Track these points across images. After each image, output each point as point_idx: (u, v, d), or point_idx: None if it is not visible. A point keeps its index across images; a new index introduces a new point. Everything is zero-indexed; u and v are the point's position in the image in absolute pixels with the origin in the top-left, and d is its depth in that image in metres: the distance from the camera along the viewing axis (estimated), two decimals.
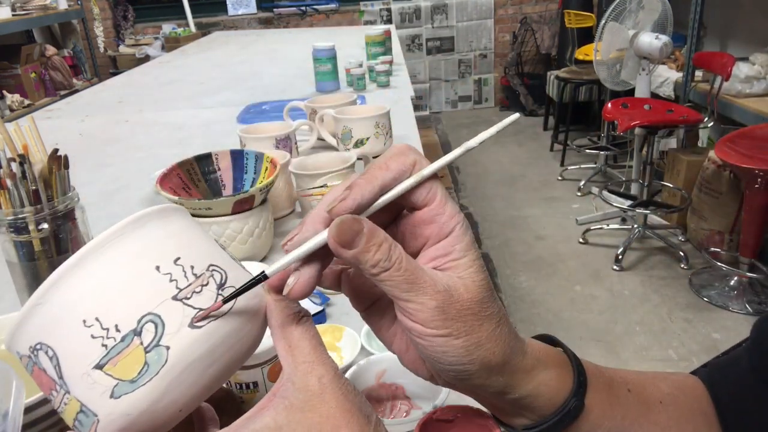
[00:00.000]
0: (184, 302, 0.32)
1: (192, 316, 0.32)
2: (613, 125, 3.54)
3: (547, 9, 5.29)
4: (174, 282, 0.32)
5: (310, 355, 0.33)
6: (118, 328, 0.31)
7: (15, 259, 0.75)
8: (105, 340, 0.31)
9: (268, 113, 1.87)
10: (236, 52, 3.23)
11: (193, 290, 0.32)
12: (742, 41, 3.48)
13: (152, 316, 0.31)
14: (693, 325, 2.44)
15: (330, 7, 5.34)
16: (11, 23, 3.96)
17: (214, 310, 0.32)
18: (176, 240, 0.34)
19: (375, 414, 0.34)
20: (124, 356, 0.31)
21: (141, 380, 0.31)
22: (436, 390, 0.63)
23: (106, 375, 0.31)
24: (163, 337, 0.31)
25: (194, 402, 0.33)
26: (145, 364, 0.31)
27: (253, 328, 0.35)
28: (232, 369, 0.36)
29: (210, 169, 1.02)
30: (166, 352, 0.31)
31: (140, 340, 0.31)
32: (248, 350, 0.36)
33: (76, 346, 0.31)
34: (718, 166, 2.70)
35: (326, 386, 0.32)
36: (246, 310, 0.34)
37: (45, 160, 0.73)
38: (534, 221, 3.41)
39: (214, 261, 0.35)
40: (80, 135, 1.85)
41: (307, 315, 0.35)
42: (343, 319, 0.82)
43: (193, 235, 0.35)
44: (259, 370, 0.60)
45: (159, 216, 0.35)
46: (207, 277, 0.33)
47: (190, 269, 0.33)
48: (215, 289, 0.33)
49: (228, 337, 0.33)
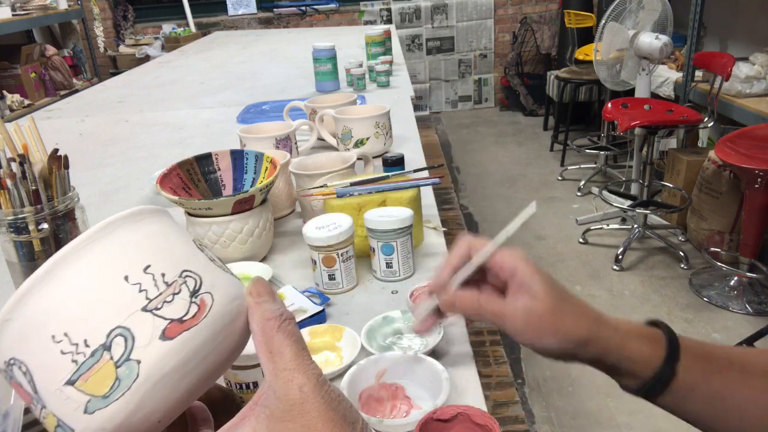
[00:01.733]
0: (154, 313, 0.31)
1: (163, 327, 0.31)
2: (613, 125, 3.54)
3: (547, 9, 5.29)
4: (144, 292, 0.31)
5: (292, 362, 0.32)
6: (87, 343, 0.30)
7: (15, 259, 0.75)
8: (75, 355, 0.30)
9: (268, 113, 1.87)
10: (236, 52, 3.23)
11: (163, 300, 0.31)
12: (742, 41, 3.48)
13: (121, 329, 0.30)
14: (693, 325, 2.44)
15: (330, 7, 5.34)
16: (11, 23, 3.96)
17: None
18: (147, 246, 0.33)
19: (362, 419, 0.34)
20: (95, 372, 0.30)
21: (113, 395, 0.30)
22: (436, 390, 0.63)
23: (78, 391, 0.30)
24: (134, 351, 0.30)
25: (174, 411, 0.32)
26: (117, 379, 0.30)
27: (232, 333, 0.34)
28: (213, 376, 0.35)
29: (210, 169, 1.02)
30: (137, 366, 0.30)
31: (110, 354, 0.30)
32: (230, 356, 0.35)
33: (47, 362, 0.30)
34: (718, 166, 2.70)
35: (307, 395, 0.31)
36: (221, 316, 0.33)
37: (45, 160, 0.73)
38: (534, 221, 3.41)
39: (188, 266, 0.33)
40: (80, 135, 1.85)
41: (289, 318, 0.34)
42: (343, 319, 0.82)
43: (167, 240, 0.34)
44: (258, 370, 0.59)
45: (129, 221, 0.33)
46: (179, 284, 0.32)
47: (161, 277, 0.32)
48: (188, 296, 0.32)
49: (202, 346, 0.32)
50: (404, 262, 0.89)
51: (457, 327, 0.78)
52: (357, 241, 0.91)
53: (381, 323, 0.77)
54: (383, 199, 0.95)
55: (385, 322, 0.78)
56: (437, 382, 0.63)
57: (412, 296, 0.83)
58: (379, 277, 0.91)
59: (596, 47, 3.11)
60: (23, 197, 0.71)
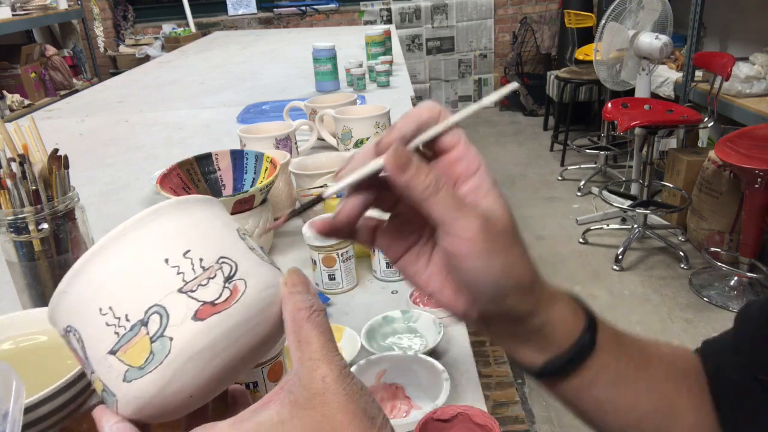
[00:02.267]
0: (189, 295, 0.33)
1: (195, 308, 0.33)
2: (613, 125, 3.54)
3: (547, 9, 5.29)
4: (181, 275, 0.33)
5: (318, 352, 0.33)
6: (128, 318, 0.32)
7: (15, 259, 0.75)
8: (117, 328, 0.32)
9: (268, 113, 1.87)
10: (236, 52, 3.23)
11: (199, 283, 0.33)
12: (742, 41, 3.48)
13: (158, 308, 0.32)
14: (693, 325, 2.44)
15: (330, 7, 5.34)
16: (11, 23, 3.96)
17: (272, 228, 0.35)
18: (189, 232, 0.35)
19: (382, 415, 0.34)
20: (133, 344, 0.32)
21: (148, 368, 0.32)
22: (436, 390, 0.63)
23: (118, 360, 0.32)
24: (168, 329, 0.32)
25: (206, 390, 0.34)
26: (151, 353, 0.32)
27: (265, 320, 0.35)
28: (246, 361, 0.36)
29: (210, 169, 1.02)
30: (169, 343, 0.32)
31: (147, 330, 0.32)
32: (263, 342, 0.36)
33: (94, 331, 0.33)
34: (718, 166, 2.70)
35: (329, 386, 0.32)
36: (253, 303, 0.34)
37: (45, 160, 0.73)
38: (534, 221, 3.41)
39: (225, 253, 0.35)
40: (80, 135, 1.85)
41: (320, 310, 0.35)
42: (343, 319, 0.82)
43: (209, 227, 0.36)
44: (259, 370, 0.60)
45: (176, 208, 0.35)
46: (215, 269, 0.34)
47: (198, 262, 0.34)
48: (222, 281, 0.34)
49: (233, 330, 0.33)
50: None
51: (457, 327, 0.78)
52: None
53: (381, 323, 0.77)
54: None
55: (385, 322, 0.78)
56: (437, 383, 0.64)
57: (412, 296, 0.83)
58: (379, 277, 0.91)
59: (596, 47, 3.11)
60: (23, 197, 0.71)
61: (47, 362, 0.62)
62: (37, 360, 0.63)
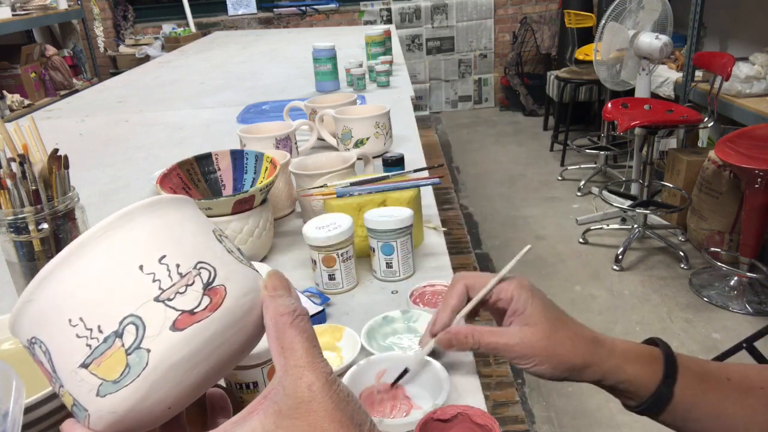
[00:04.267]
0: (166, 303, 0.31)
1: (174, 318, 0.31)
2: (613, 125, 3.54)
3: (547, 9, 5.29)
4: (157, 282, 0.31)
5: (302, 358, 0.32)
6: (101, 329, 0.30)
7: (15, 259, 0.75)
8: (89, 340, 0.30)
9: (268, 113, 1.87)
10: (236, 52, 3.23)
11: (176, 291, 0.31)
12: (742, 41, 3.48)
13: (133, 318, 0.30)
14: (693, 325, 2.44)
15: (330, 7, 5.34)
16: (11, 23, 3.96)
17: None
18: (164, 236, 0.33)
19: (369, 421, 0.33)
20: (107, 357, 0.30)
21: (123, 381, 0.30)
22: (436, 390, 0.63)
23: (91, 374, 0.31)
24: (144, 340, 0.30)
25: (184, 400, 0.33)
26: (127, 366, 0.30)
27: (245, 326, 0.34)
28: (224, 369, 0.34)
29: (210, 169, 1.02)
30: (146, 355, 0.30)
31: (121, 342, 0.30)
32: (243, 348, 0.35)
33: (63, 344, 0.31)
34: (718, 166, 2.70)
35: (315, 394, 0.31)
36: (233, 310, 0.33)
37: (45, 160, 0.73)
38: (534, 221, 3.41)
39: (203, 258, 0.33)
40: (80, 135, 1.85)
41: (303, 314, 0.34)
42: (343, 319, 0.82)
43: (184, 230, 0.34)
44: (258, 370, 0.59)
45: (148, 210, 0.33)
46: (193, 276, 0.32)
47: (175, 268, 0.32)
48: (201, 288, 0.32)
49: (213, 338, 0.32)
50: (404, 262, 0.89)
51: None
52: (357, 241, 0.91)
53: (381, 323, 0.77)
54: (383, 199, 0.95)
55: (385, 322, 0.78)
56: (437, 382, 0.63)
57: (412, 296, 0.83)
58: (379, 277, 0.91)
59: (596, 47, 3.11)
60: (23, 197, 0.71)
61: None
62: None
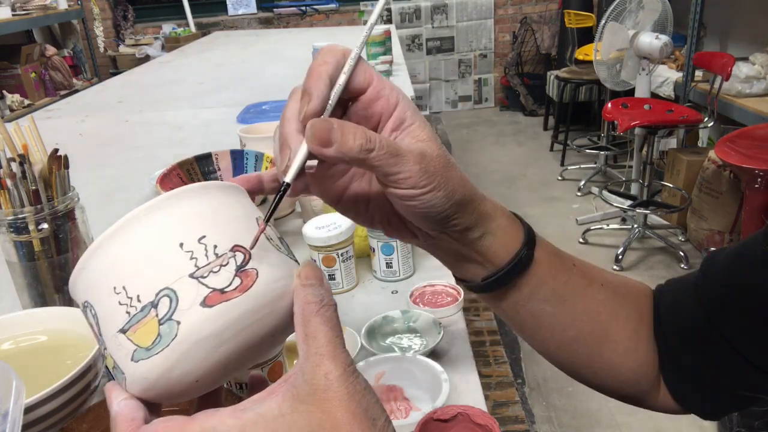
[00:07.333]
0: (199, 280, 0.33)
1: (205, 294, 0.33)
2: (613, 125, 3.54)
3: (547, 9, 5.29)
4: (194, 260, 0.33)
5: (324, 347, 0.33)
6: (140, 299, 0.33)
7: (15, 259, 0.75)
8: (129, 307, 0.33)
9: (268, 113, 1.87)
10: (236, 52, 3.23)
11: (210, 269, 0.33)
12: (742, 41, 3.48)
13: (168, 291, 0.32)
14: None
15: (330, 7, 5.34)
16: (11, 23, 3.96)
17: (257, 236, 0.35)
18: (207, 218, 0.35)
19: (385, 417, 0.33)
20: (142, 325, 0.32)
21: (154, 349, 0.32)
22: (435, 391, 0.63)
23: (128, 340, 0.33)
24: (176, 313, 0.32)
25: (212, 377, 0.34)
26: (158, 335, 0.32)
27: (275, 311, 0.35)
28: (255, 351, 0.36)
29: (210, 169, 1.02)
30: (176, 327, 0.32)
31: (156, 312, 0.32)
32: (272, 333, 0.36)
33: (108, 309, 0.34)
34: (718, 166, 2.69)
35: (331, 383, 0.32)
36: (263, 293, 0.34)
37: (45, 160, 0.73)
38: (534, 221, 3.39)
39: (240, 241, 0.35)
40: (80, 135, 1.85)
41: (330, 305, 0.35)
42: (343, 319, 0.82)
43: (227, 215, 0.36)
44: (259, 370, 0.60)
45: (196, 193, 0.35)
46: (228, 257, 0.34)
47: (212, 248, 0.34)
48: (233, 270, 0.34)
49: (240, 318, 0.33)
50: (404, 262, 0.89)
51: (457, 327, 0.78)
52: (357, 241, 0.91)
53: (381, 323, 0.77)
54: None
55: (385, 322, 0.78)
56: (436, 384, 0.64)
57: (412, 296, 0.83)
58: (379, 277, 0.91)
59: (596, 47, 3.11)
60: (23, 197, 0.71)
61: (47, 362, 0.62)
62: (37, 360, 0.63)
